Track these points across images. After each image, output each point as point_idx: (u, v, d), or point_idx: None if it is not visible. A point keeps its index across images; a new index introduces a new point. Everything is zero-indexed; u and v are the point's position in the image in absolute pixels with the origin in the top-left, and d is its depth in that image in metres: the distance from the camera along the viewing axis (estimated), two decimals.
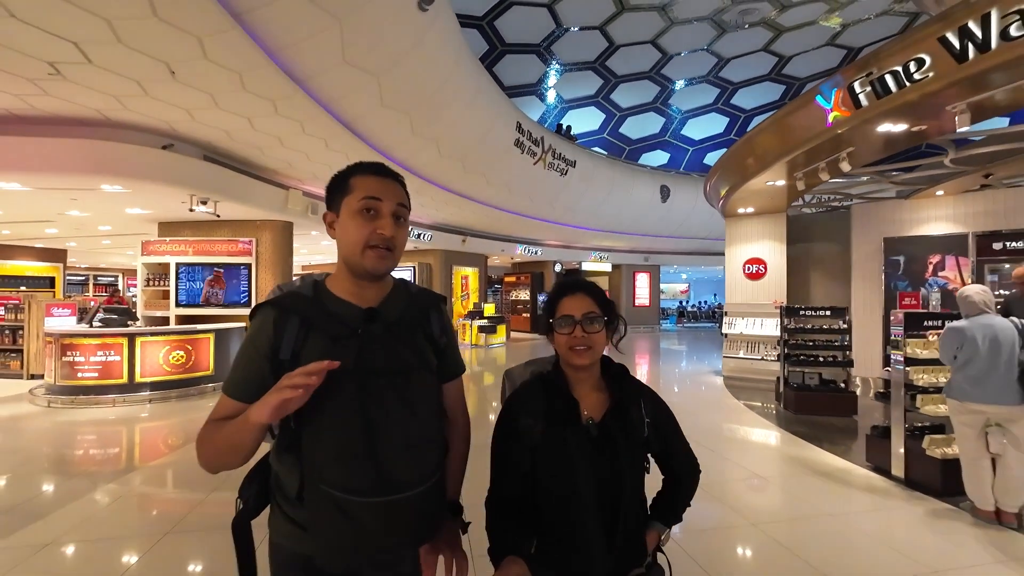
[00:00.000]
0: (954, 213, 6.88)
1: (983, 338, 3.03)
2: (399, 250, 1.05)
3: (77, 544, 2.81)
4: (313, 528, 0.95)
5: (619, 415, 1.13)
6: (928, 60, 3.35)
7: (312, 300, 1.03)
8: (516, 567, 1.02)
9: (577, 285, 1.18)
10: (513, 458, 1.12)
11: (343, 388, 0.93)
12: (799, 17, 17.46)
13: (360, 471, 0.92)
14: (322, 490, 0.92)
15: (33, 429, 5.35)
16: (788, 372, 6.14)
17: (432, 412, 1.04)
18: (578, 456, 1.08)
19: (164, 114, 5.32)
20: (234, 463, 0.93)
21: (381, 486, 0.93)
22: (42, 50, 3.88)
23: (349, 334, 0.98)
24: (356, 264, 1.02)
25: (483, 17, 16.51)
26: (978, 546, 2.81)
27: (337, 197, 1.05)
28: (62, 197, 6.62)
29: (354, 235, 1.00)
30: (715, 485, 3.68)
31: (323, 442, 0.93)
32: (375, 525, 0.93)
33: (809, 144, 4.67)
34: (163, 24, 3.63)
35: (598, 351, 1.14)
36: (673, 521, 1.22)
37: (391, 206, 1.02)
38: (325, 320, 1.00)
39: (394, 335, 1.03)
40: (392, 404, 0.96)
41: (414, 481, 0.96)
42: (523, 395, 1.17)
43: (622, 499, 1.08)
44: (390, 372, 0.98)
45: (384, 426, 0.95)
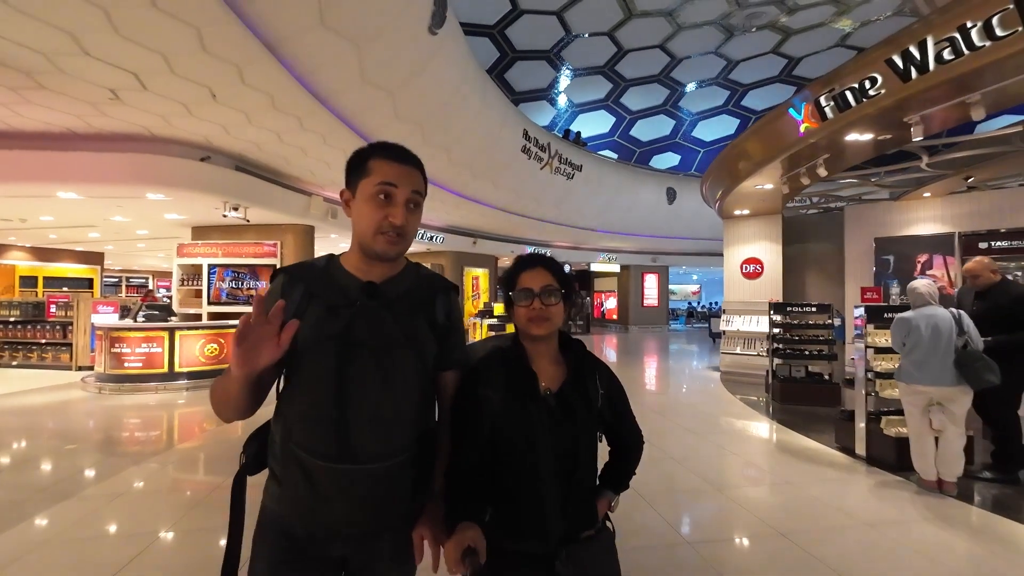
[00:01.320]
0: (942, 214, 7.14)
1: (926, 327, 3.41)
2: (410, 235, 1.07)
3: (122, 509, 3.39)
4: (284, 487, 0.99)
5: (576, 387, 1.18)
6: (880, 79, 3.73)
7: (321, 271, 1.07)
8: (471, 531, 1.04)
9: (536, 260, 1.22)
10: (471, 427, 1.15)
11: (325, 353, 0.97)
12: (807, 20, 17.57)
13: (324, 434, 0.96)
14: (290, 448, 0.97)
15: (87, 411, 6.03)
16: (776, 365, 6.49)
17: (411, 390, 1.04)
18: (536, 426, 1.12)
19: (203, 130, 5.96)
20: (230, 414, 0.97)
21: (343, 453, 0.95)
22: (106, 79, 4.52)
23: (346, 305, 1.01)
24: (367, 246, 1.04)
25: (494, 26, 17.02)
26: (910, 507, 3.20)
27: (354, 177, 1.06)
28: (110, 204, 7.34)
29: (367, 219, 1.02)
30: (689, 459, 4.11)
31: (297, 402, 0.99)
32: (332, 491, 0.95)
33: (787, 152, 5.06)
34: (210, 56, 4.23)
35: (555, 323, 1.17)
36: (621, 489, 1.28)
37: (406, 193, 1.03)
38: (327, 290, 1.03)
39: (391, 311, 1.04)
40: (369, 376, 0.98)
41: (378, 454, 0.98)
42: (482, 367, 1.19)
43: (577, 466, 1.13)
44: (375, 346, 1.00)
45: (357, 396, 0.97)
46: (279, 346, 0.89)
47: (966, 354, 3.25)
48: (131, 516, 3.08)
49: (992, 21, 3.01)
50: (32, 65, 4.21)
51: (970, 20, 3.12)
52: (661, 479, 3.66)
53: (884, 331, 4.09)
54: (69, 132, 5.90)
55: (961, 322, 3.36)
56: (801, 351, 6.42)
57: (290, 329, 0.90)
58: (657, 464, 3.97)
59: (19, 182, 6.08)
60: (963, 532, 2.88)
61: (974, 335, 3.33)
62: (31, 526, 2.95)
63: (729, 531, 2.93)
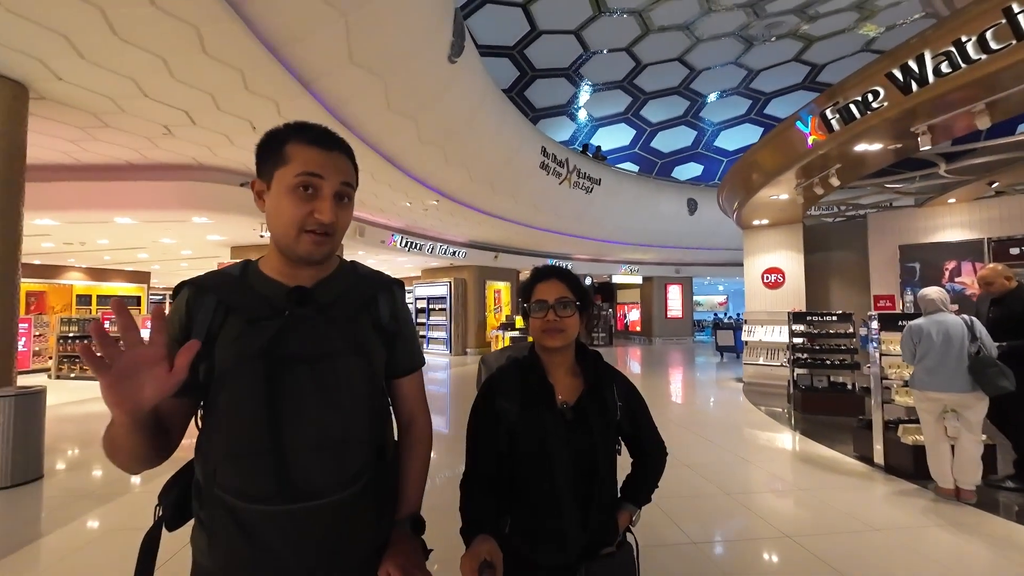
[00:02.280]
0: (969, 220, 6.99)
1: (937, 333, 3.43)
2: (340, 233, 0.91)
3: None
4: (213, 541, 0.82)
5: (593, 398, 1.16)
6: (882, 92, 3.82)
7: (236, 280, 0.91)
8: (487, 544, 1.01)
9: (551, 272, 1.21)
10: (489, 439, 1.14)
11: (250, 374, 0.81)
12: (830, 27, 17.40)
13: (259, 471, 0.79)
14: (216, 495, 0.80)
15: None
16: (797, 375, 6.45)
17: (360, 405, 0.89)
18: (554, 437, 1.10)
19: (243, 158, 6.48)
20: (128, 463, 0.78)
21: (285, 491, 0.79)
22: (162, 117, 5.04)
23: (270, 315, 0.85)
24: (288, 247, 0.88)
25: (513, 46, 17.54)
26: (924, 514, 3.20)
27: (268, 165, 0.89)
28: (159, 228, 7.98)
29: (287, 216, 0.86)
30: (704, 466, 4.18)
31: (219, 437, 0.82)
32: (278, 542, 0.79)
33: (798, 163, 5.14)
34: (251, 93, 4.68)
35: (570, 334, 1.16)
36: (643, 501, 1.24)
37: (334, 185, 0.88)
38: (246, 301, 0.87)
39: (326, 318, 0.89)
40: (307, 395, 0.83)
41: (330, 485, 0.82)
42: (499, 378, 1.19)
43: (595, 477, 1.12)
44: (311, 358, 0.84)
45: (294, 419, 0.81)
46: (172, 375, 0.70)
47: (979, 360, 3.25)
48: None
49: (986, 35, 3.09)
50: (100, 107, 4.76)
51: (964, 35, 3.21)
52: (679, 485, 3.76)
53: (897, 336, 4.10)
54: (127, 164, 6.52)
55: (973, 328, 3.37)
56: (823, 360, 6.36)
57: (187, 353, 0.71)
58: (673, 470, 4.06)
59: (83, 210, 6.74)
60: (977, 539, 2.88)
61: (987, 341, 3.33)
62: (85, 522, 3.31)
63: (740, 535, 3.01)
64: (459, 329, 14.82)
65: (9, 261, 4.23)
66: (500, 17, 15.51)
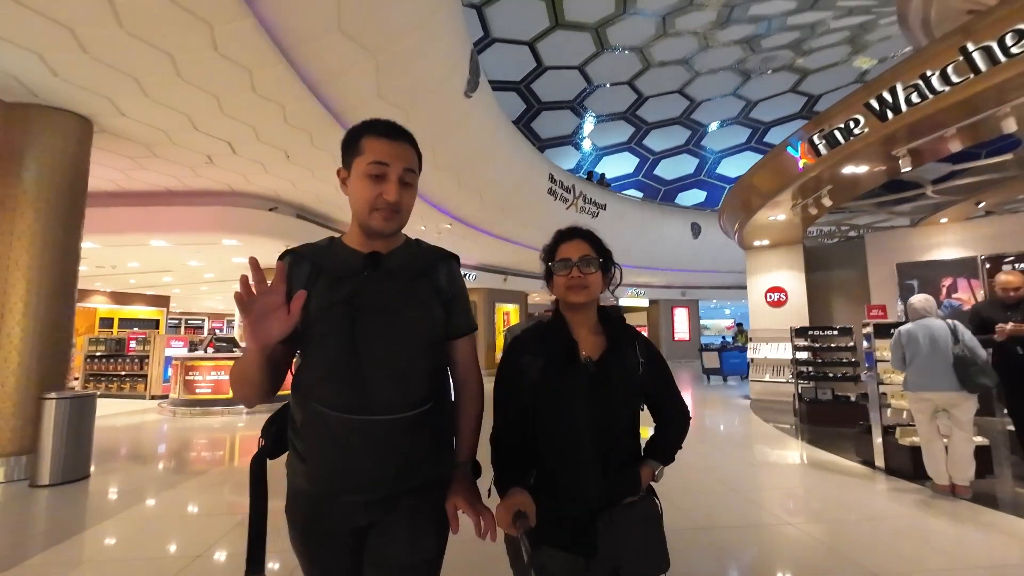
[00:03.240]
0: (962, 238, 7.28)
1: (923, 336, 3.68)
2: (406, 211, 1.09)
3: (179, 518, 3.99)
4: (307, 452, 1.01)
5: (615, 355, 1.19)
6: (862, 119, 4.21)
7: (325, 249, 1.11)
8: (521, 496, 1.07)
9: (574, 232, 1.26)
10: (514, 393, 1.19)
11: (336, 318, 1.00)
12: (824, 60, 18.14)
13: (344, 389, 0.99)
14: (312, 407, 1.00)
15: (167, 429, 6.82)
16: (801, 388, 6.63)
17: (423, 347, 1.07)
18: (576, 391, 1.14)
19: (275, 185, 6.99)
20: (250, 394, 1.00)
21: (363, 404, 0.98)
22: (206, 147, 5.55)
23: (351, 275, 1.05)
24: (364, 223, 1.08)
25: (521, 81, 18.42)
26: (918, 507, 3.39)
27: (348, 156, 1.09)
28: (191, 250, 8.46)
29: (361, 197, 1.05)
30: (715, 469, 4.37)
31: (315, 366, 1.02)
32: (355, 444, 0.98)
33: (791, 185, 5.51)
34: (289, 126, 5.18)
35: (594, 291, 1.20)
36: (666, 460, 1.25)
37: (398, 171, 1.05)
38: (332, 264, 1.07)
39: (394, 278, 1.08)
40: (379, 335, 1.02)
41: (398, 404, 1.01)
42: (524, 336, 1.25)
43: (615, 432, 1.16)
44: (383, 309, 1.03)
45: (369, 352, 1.00)
46: (290, 316, 0.92)
47: (961, 359, 3.48)
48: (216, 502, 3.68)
49: (947, 70, 3.48)
50: (153, 139, 5.28)
51: (929, 69, 3.60)
52: (684, 482, 3.96)
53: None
54: (166, 190, 7.05)
55: (956, 331, 3.61)
56: (825, 374, 6.55)
57: (299, 300, 0.92)
58: (679, 471, 4.26)
59: (122, 233, 7.23)
60: (973, 528, 3.06)
61: (970, 343, 3.55)
62: (128, 516, 3.59)
63: (746, 522, 3.21)
64: None
65: (69, 278, 4.66)
66: (508, 54, 16.41)
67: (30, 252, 4.36)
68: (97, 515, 3.55)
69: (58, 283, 4.52)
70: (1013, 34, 3.09)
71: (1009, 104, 3.48)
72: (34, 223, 4.39)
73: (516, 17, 15.01)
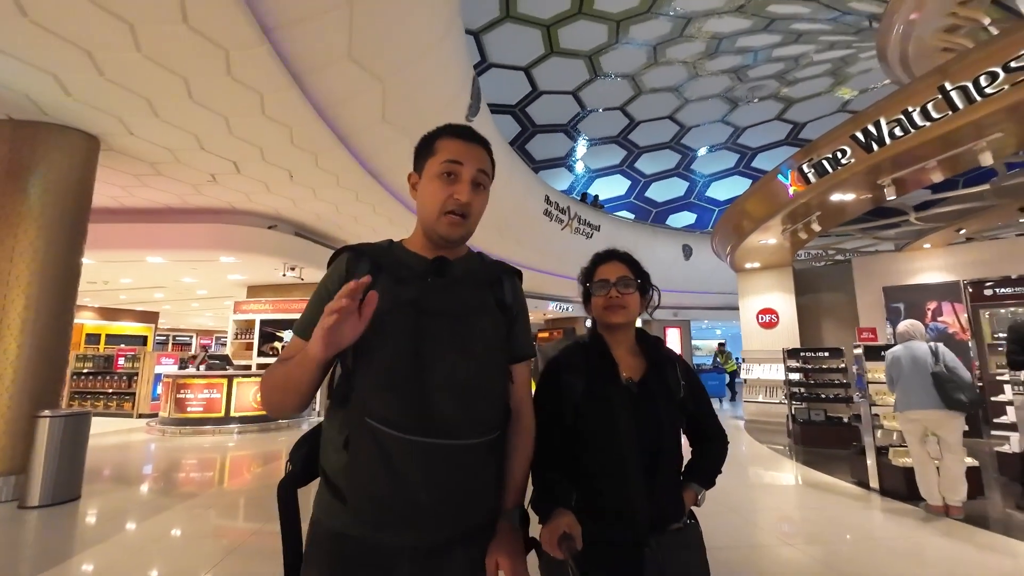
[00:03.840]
0: (945, 263, 7.53)
1: (906, 358, 3.80)
2: (475, 218, 1.04)
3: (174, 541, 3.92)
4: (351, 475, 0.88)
5: (657, 375, 1.19)
6: (848, 150, 4.43)
7: (386, 250, 1.04)
8: (566, 517, 1.01)
9: (613, 254, 1.27)
10: (555, 414, 1.14)
11: (398, 322, 0.92)
12: (808, 90, 18.87)
13: (403, 402, 0.88)
14: (366, 425, 0.87)
15: (157, 449, 6.68)
16: (795, 409, 6.72)
17: (492, 361, 0.98)
18: (620, 410, 1.12)
19: (276, 203, 7.05)
20: (291, 401, 0.90)
21: (425, 424, 0.87)
22: (211, 166, 5.62)
23: (415, 278, 0.98)
24: (431, 229, 1.02)
25: (516, 104, 18.85)
26: (912, 527, 3.45)
27: (421, 159, 1.05)
28: (186, 267, 8.43)
29: (432, 198, 1.00)
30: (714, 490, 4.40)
31: (373, 372, 0.90)
32: (414, 473, 0.86)
33: (782, 211, 5.71)
34: (295, 147, 5.28)
35: (632, 312, 1.20)
36: (707, 484, 1.24)
37: (471, 171, 1.01)
38: (394, 265, 0.99)
39: (461, 285, 1.01)
40: (446, 343, 0.93)
41: (461, 426, 0.90)
42: (564, 356, 1.22)
43: (661, 450, 1.12)
44: (450, 313, 0.95)
45: (433, 362, 0.91)
46: (361, 321, 0.84)
47: (937, 376, 3.60)
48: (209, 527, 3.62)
49: (927, 106, 3.71)
50: (159, 157, 5.34)
51: (910, 105, 3.83)
52: None
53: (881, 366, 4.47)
54: (166, 208, 7.07)
55: (937, 353, 3.71)
56: (818, 395, 6.66)
57: (371, 303, 0.83)
58: None
59: (120, 250, 7.19)
60: (967, 547, 3.13)
61: (951, 363, 3.63)
62: (120, 539, 3.52)
63: (746, 543, 3.24)
64: None
65: (68, 296, 4.64)
66: (505, 79, 16.85)
67: (31, 269, 4.35)
68: (89, 539, 3.47)
69: (57, 301, 4.49)
70: (987, 75, 3.32)
71: (985, 139, 3.70)
72: (36, 240, 4.40)
73: (513, 44, 15.46)
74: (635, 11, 13.90)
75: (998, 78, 3.25)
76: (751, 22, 13.92)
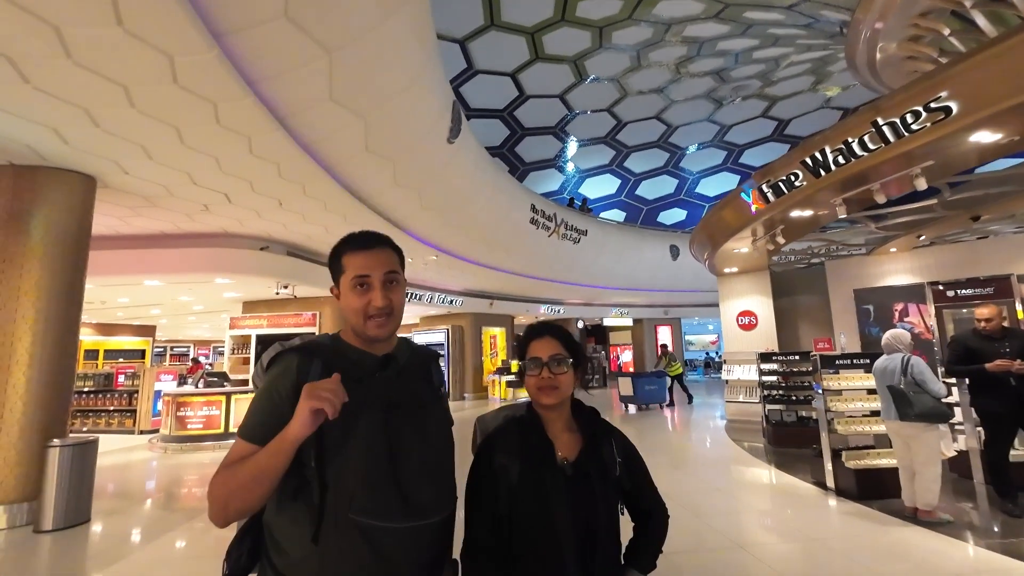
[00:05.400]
0: (910, 266, 7.88)
1: (880, 371, 4.08)
2: (398, 312, 1.11)
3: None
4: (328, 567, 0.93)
5: (592, 454, 1.17)
6: (800, 174, 4.74)
7: (330, 348, 1.09)
8: None
9: (544, 329, 1.25)
10: (489, 500, 1.13)
11: (370, 421, 0.98)
12: (790, 88, 19.16)
13: (385, 493, 0.95)
14: (350, 520, 0.93)
15: (159, 467, 6.96)
16: (768, 410, 7.06)
17: (446, 443, 1.09)
18: (554, 495, 1.10)
19: (267, 228, 7.32)
20: (256, 498, 0.92)
21: (406, 511, 0.96)
22: (203, 198, 5.89)
23: (369, 375, 1.05)
24: (361, 332, 1.09)
25: (504, 109, 19.07)
26: (855, 527, 3.78)
27: (335, 274, 1.13)
28: (183, 288, 8.70)
29: (353, 308, 1.07)
30: (683, 495, 4.73)
31: (352, 471, 0.95)
32: (398, 554, 0.94)
33: (748, 225, 6.03)
34: (284, 180, 5.56)
35: (565, 391, 1.19)
36: (648, 567, 1.22)
37: (380, 277, 1.08)
38: (346, 364, 1.04)
39: (408, 377, 1.11)
40: (411, 435, 1.01)
41: (435, 506, 1.01)
42: (498, 436, 1.21)
43: (598, 538, 1.10)
44: (410, 406, 1.04)
45: (404, 453, 0.99)
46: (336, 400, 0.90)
47: (891, 389, 3.90)
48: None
49: (864, 138, 4.01)
50: (153, 192, 5.60)
51: (850, 136, 4.14)
52: None
53: (835, 376, 4.81)
54: (161, 234, 7.32)
55: (907, 365, 3.89)
56: (789, 397, 7.00)
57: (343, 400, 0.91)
58: None
59: (117, 275, 7.45)
60: (891, 539, 3.46)
61: (918, 377, 3.80)
62: (131, 561, 3.81)
63: (698, 547, 3.56)
64: (457, 375, 15.30)
65: (72, 329, 4.91)
66: (491, 85, 17.08)
67: (36, 306, 4.62)
68: (102, 561, 3.75)
69: (61, 335, 4.76)
70: (911, 113, 3.62)
71: (918, 166, 4.02)
72: (40, 279, 4.66)
73: (498, 51, 15.68)
74: (616, 18, 14.15)
75: (920, 116, 3.56)
76: (728, 27, 14.19)
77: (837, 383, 4.74)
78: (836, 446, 4.72)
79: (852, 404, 4.67)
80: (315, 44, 3.70)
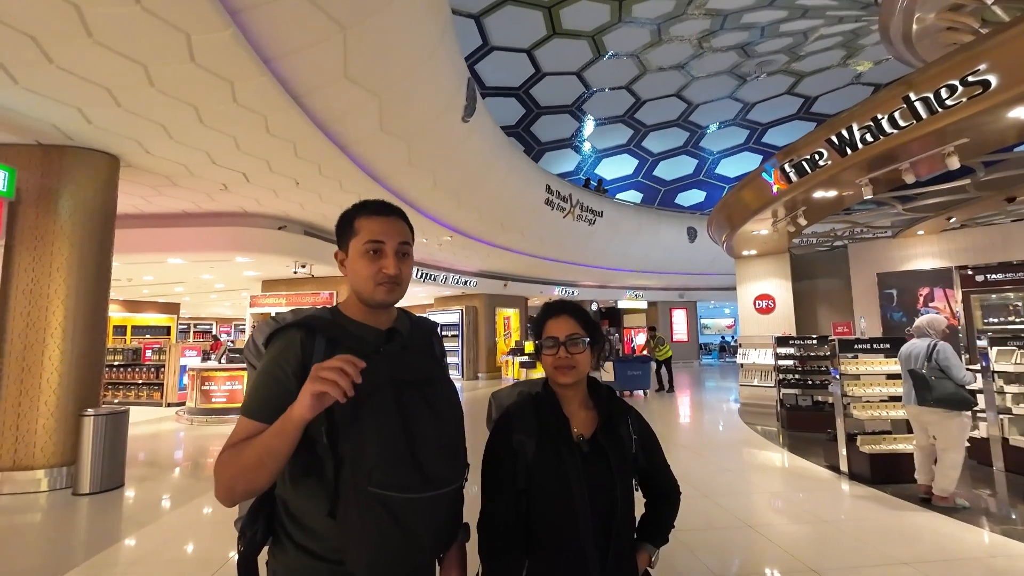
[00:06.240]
0: (938, 250, 7.62)
1: (904, 356, 4.01)
2: (405, 282, 1.11)
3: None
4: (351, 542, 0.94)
5: (608, 432, 1.17)
6: (825, 153, 4.58)
7: (332, 323, 1.07)
8: None
9: (561, 308, 1.24)
10: (506, 476, 1.14)
11: (382, 397, 0.97)
12: (818, 63, 18.36)
13: (404, 467, 0.96)
14: (369, 493, 0.93)
15: (187, 437, 7.28)
16: (783, 395, 7.01)
17: (456, 416, 1.08)
18: (571, 471, 1.10)
19: (285, 207, 7.41)
20: (262, 479, 0.92)
21: (424, 482, 0.97)
22: (222, 177, 5.98)
23: (375, 351, 1.02)
24: (367, 298, 1.08)
25: (520, 87, 18.74)
26: (869, 510, 3.78)
27: (344, 238, 1.11)
28: (204, 266, 8.91)
29: (363, 274, 1.06)
30: (692, 475, 4.77)
31: (369, 448, 0.95)
32: (418, 523, 0.96)
33: (769, 206, 5.88)
34: (300, 159, 5.60)
35: (582, 370, 1.19)
36: (660, 542, 1.24)
37: (393, 245, 1.07)
38: (350, 339, 1.04)
39: (413, 351, 1.10)
40: (423, 409, 1.00)
41: (451, 477, 1.02)
42: (515, 413, 1.21)
43: (614, 514, 1.11)
44: (418, 381, 1.03)
45: (419, 429, 0.99)
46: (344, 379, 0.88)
47: (911, 374, 3.84)
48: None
49: (895, 115, 3.84)
50: (175, 172, 5.70)
51: (879, 113, 3.97)
52: None
53: (853, 361, 4.73)
54: (183, 213, 7.48)
55: (933, 352, 3.82)
56: (806, 381, 6.93)
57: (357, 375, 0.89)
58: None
59: (141, 252, 7.67)
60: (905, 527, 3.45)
61: (943, 363, 3.73)
62: (162, 523, 4.02)
63: (712, 524, 3.61)
64: (471, 354, 15.47)
65: (101, 304, 5.09)
66: (507, 62, 16.75)
67: (67, 283, 4.80)
68: (136, 522, 3.97)
69: (92, 309, 4.96)
70: (947, 88, 3.45)
71: (951, 144, 3.84)
72: (70, 257, 4.83)
73: (514, 26, 15.32)
74: None
75: (956, 91, 3.38)
76: None
77: (855, 368, 4.67)
78: (852, 431, 4.69)
79: (870, 389, 4.61)
80: (330, 20, 3.67)
